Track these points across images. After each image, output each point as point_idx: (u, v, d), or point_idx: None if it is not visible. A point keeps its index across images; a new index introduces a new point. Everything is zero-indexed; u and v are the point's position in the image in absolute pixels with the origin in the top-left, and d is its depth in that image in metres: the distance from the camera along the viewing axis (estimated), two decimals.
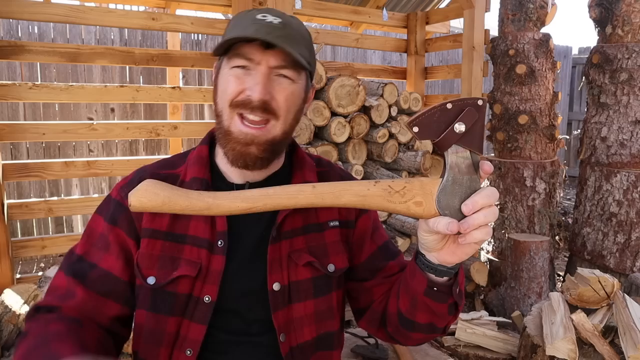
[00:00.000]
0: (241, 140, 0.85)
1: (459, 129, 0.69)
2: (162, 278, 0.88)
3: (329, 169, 1.04)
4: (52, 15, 2.48)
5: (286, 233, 0.92)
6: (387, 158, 3.25)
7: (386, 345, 1.98)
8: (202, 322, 0.88)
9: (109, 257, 0.90)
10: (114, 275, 0.89)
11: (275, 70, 0.85)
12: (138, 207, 0.70)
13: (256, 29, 0.82)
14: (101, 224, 0.92)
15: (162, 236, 0.89)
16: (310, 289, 0.93)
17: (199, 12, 4.18)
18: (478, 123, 0.69)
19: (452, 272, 0.79)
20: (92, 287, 0.88)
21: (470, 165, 0.70)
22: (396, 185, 0.72)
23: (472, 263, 3.10)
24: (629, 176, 2.96)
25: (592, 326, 1.80)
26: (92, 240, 0.92)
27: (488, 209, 0.69)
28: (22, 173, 2.51)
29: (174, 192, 0.72)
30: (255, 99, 0.83)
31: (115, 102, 4.35)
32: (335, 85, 3.00)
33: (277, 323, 0.90)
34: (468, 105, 0.69)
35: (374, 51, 6.07)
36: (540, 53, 3.23)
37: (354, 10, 3.74)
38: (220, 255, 0.89)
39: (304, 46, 0.88)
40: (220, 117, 0.88)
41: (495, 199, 0.70)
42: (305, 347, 0.93)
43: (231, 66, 0.86)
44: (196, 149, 0.97)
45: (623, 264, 2.96)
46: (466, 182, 0.70)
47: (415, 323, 0.88)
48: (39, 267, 4.04)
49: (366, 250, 1.00)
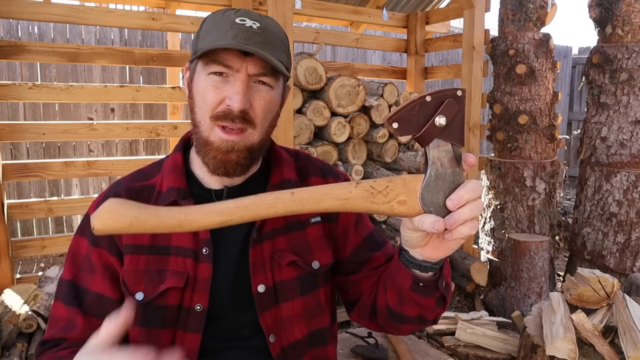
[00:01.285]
0: (222, 148, 0.84)
1: (440, 122, 0.66)
2: (150, 292, 0.87)
3: (308, 163, 1.03)
4: (52, 15, 2.47)
5: (267, 234, 0.91)
6: (387, 158, 3.25)
7: (386, 345, 1.98)
8: (196, 331, 0.88)
9: (96, 279, 0.90)
10: (106, 296, 0.89)
11: (254, 78, 0.84)
12: (102, 231, 0.63)
13: (235, 34, 0.81)
14: (84, 245, 0.91)
15: (145, 250, 0.88)
16: (296, 287, 0.92)
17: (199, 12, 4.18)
18: (458, 115, 0.67)
19: (437, 267, 0.78)
20: (89, 312, 0.88)
21: (452, 158, 0.68)
22: (378, 185, 0.69)
23: (472, 263, 3.10)
24: (629, 176, 2.96)
25: (592, 326, 1.80)
26: (78, 263, 0.91)
27: (473, 203, 0.68)
28: (22, 173, 2.51)
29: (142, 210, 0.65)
30: (235, 109, 0.81)
31: (115, 102, 4.34)
32: (335, 85, 3.00)
33: (264, 325, 0.90)
34: (447, 97, 0.66)
35: (374, 51, 6.07)
36: (540, 53, 3.23)
37: (354, 10, 3.74)
38: (206, 263, 0.88)
39: (282, 51, 0.87)
40: (198, 127, 0.86)
41: (480, 192, 0.68)
42: (298, 346, 0.93)
43: (208, 72, 0.84)
44: (170, 157, 0.96)
45: (623, 264, 2.96)
46: (449, 176, 0.68)
47: (404, 316, 0.88)
48: (39, 267, 4.04)
49: (351, 243, 0.99)
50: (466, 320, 2.41)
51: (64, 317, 0.89)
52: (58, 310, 0.90)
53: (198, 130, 0.86)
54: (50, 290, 2.29)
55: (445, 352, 2.20)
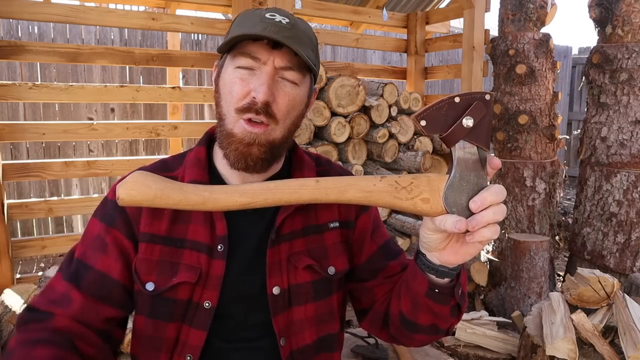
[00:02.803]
0: (245, 140, 0.83)
1: (467, 123, 0.67)
2: (161, 284, 0.86)
3: (329, 168, 1.03)
4: (52, 15, 2.48)
5: (285, 235, 0.91)
6: (387, 158, 3.25)
7: (386, 345, 1.98)
8: (202, 328, 0.87)
9: (106, 259, 0.88)
10: (110, 277, 0.87)
11: (280, 72, 0.83)
12: (127, 201, 0.64)
13: (264, 27, 0.80)
14: (97, 225, 0.90)
15: (160, 241, 0.88)
16: (310, 292, 0.91)
17: (199, 12, 4.18)
18: (486, 118, 0.68)
19: (454, 273, 0.77)
20: (87, 290, 0.86)
21: (477, 161, 0.69)
22: (403, 181, 0.69)
23: (472, 263, 3.10)
24: (629, 176, 2.96)
25: (592, 326, 1.80)
26: (88, 242, 0.90)
27: (497, 207, 0.67)
28: (22, 173, 2.51)
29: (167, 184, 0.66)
30: (259, 100, 0.81)
31: (115, 102, 4.34)
32: (335, 85, 3.00)
33: (277, 327, 0.89)
34: (476, 99, 0.67)
35: (374, 51, 6.07)
36: (540, 53, 3.23)
37: (354, 10, 3.73)
38: (220, 260, 0.87)
39: (311, 49, 0.87)
40: (223, 120, 0.86)
41: (504, 196, 0.68)
42: (306, 351, 0.92)
43: (236, 66, 0.84)
44: (194, 151, 0.95)
45: (623, 264, 2.96)
46: (473, 178, 0.68)
47: (417, 324, 0.87)
48: (39, 267, 4.04)
49: (366, 251, 0.98)
50: (466, 320, 2.41)
51: (59, 290, 0.87)
52: (56, 281, 0.88)
53: (223, 123, 0.86)
54: None
55: (445, 352, 2.20)
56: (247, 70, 0.83)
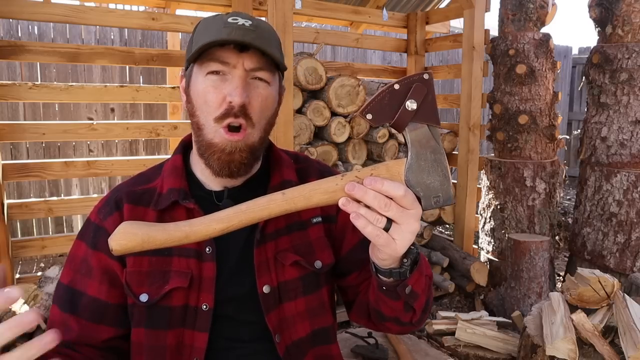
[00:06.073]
0: (226, 149, 0.84)
1: (411, 106, 0.69)
2: (154, 294, 0.87)
3: (307, 165, 1.04)
4: (52, 15, 2.47)
5: (270, 235, 0.92)
6: (387, 158, 3.25)
7: (386, 345, 1.98)
8: (204, 330, 0.88)
9: (93, 282, 0.89)
10: (102, 300, 0.89)
11: (251, 73, 0.84)
12: (120, 251, 0.69)
13: (229, 32, 0.81)
14: (82, 249, 0.92)
15: (148, 252, 0.87)
16: (299, 287, 0.93)
17: (199, 12, 4.18)
18: (428, 96, 0.70)
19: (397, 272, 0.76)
20: (83, 315, 0.88)
21: (430, 138, 0.71)
22: (362, 174, 0.71)
23: (472, 263, 3.10)
24: (629, 176, 2.96)
25: (592, 326, 1.80)
26: (75, 266, 0.91)
27: (379, 196, 0.66)
28: (22, 173, 2.50)
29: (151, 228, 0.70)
30: (236, 103, 0.82)
31: (115, 102, 4.34)
32: (335, 85, 3.00)
33: (271, 325, 0.90)
34: (415, 82, 0.69)
35: (374, 51, 6.07)
36: (540, 53, 3.22)
37: (354, 10, 3.73)
38: (210, 262, 0.89)
39: (276, 47, 0.88)
40: (201, 130, 0.86)
41: (396, 192, 0.66)
42: (301, 344, 0.93)
43: (205, 72, 0.84)
44: (170, 160, 0.96)
45: (623, 264, 2.96)
46: (430, 155, 0.70)
47: (383, 314, 0.89)
48: (39, 267, 4.04)
49: (347, 244, 0.99)
50: (466, 320, 2.41)
51: (58, 321, 0.89)
52: (54, 314, 0.91)
53: (201, 133, 0.86)
54: (50, 290, 2.29)
55: (445, 352, 2.20)
56: (218, 76, 0.84)
